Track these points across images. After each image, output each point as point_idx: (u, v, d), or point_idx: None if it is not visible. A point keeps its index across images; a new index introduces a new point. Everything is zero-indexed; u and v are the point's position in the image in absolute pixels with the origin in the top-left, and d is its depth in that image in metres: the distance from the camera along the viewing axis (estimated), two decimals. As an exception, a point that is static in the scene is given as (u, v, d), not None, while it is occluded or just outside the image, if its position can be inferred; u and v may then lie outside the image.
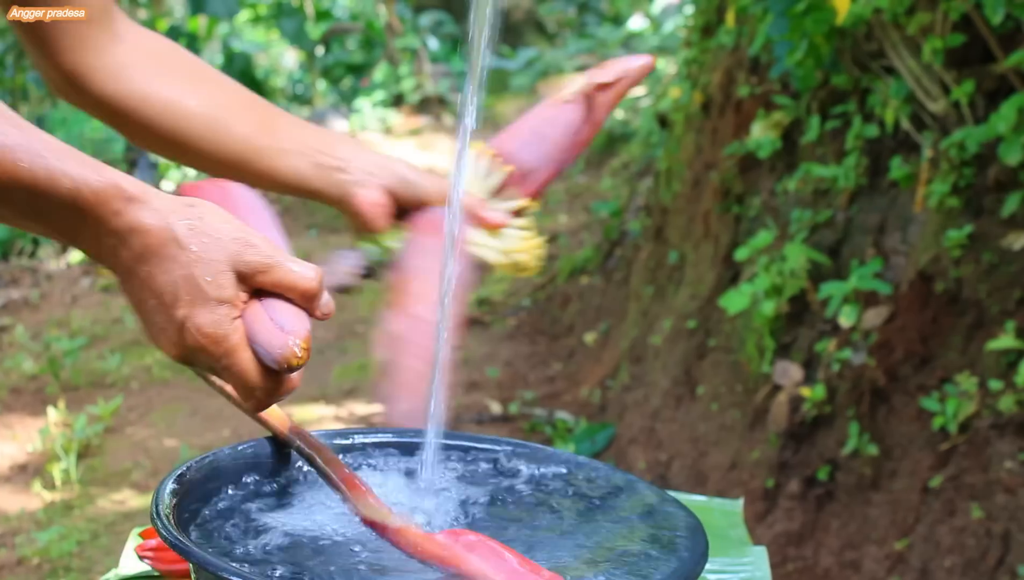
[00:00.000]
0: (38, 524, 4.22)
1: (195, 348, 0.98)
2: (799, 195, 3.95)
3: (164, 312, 0.97)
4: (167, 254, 0.96)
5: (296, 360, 0.99)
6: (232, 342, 0.98)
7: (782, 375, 3.75)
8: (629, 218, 5.83)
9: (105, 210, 0.95)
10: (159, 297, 0.97)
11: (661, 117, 6.16)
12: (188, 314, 0.97)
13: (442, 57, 11.73)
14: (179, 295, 0.96)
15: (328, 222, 8.02)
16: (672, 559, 1.05)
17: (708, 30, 4.92)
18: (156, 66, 1.34)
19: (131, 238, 0.96)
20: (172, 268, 0.96)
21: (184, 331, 0.97)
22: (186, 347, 0.98)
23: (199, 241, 0.97)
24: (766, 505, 3.61)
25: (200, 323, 0.97)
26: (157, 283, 0.97)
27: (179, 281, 0.96)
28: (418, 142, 9.47)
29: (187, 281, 0.97)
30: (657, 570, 1.03)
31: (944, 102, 3.41)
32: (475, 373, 5.31)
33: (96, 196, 0.94)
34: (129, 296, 0.99)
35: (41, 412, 5.09)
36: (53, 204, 0.94)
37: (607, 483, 1.22)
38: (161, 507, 1.03)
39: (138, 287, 0.97)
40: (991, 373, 3.14)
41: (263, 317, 1.00)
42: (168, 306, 0.97)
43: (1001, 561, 2.98)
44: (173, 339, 0.98)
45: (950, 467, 3.17)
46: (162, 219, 0.96)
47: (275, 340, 0.99)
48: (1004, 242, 3.21)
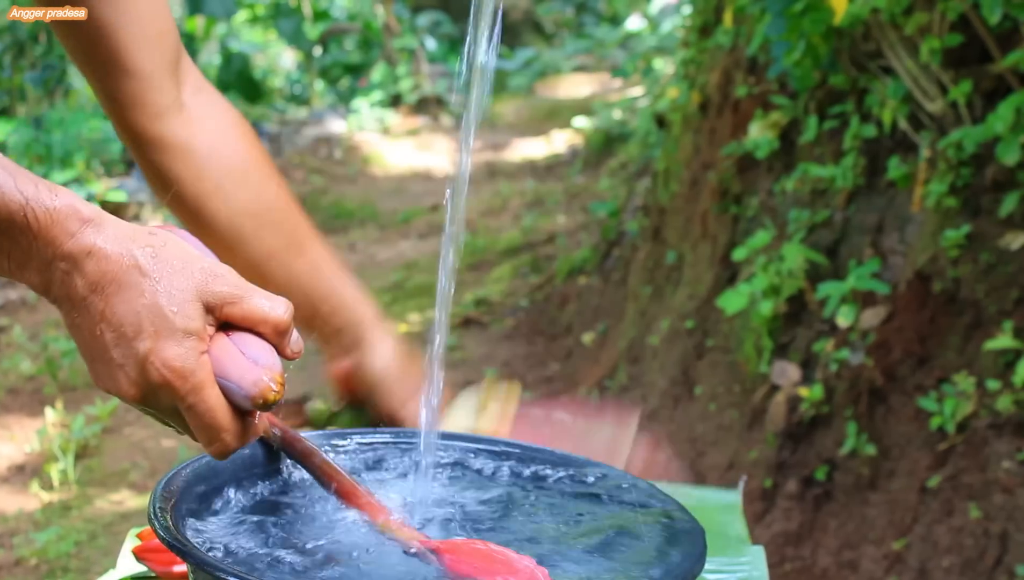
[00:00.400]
0: (36, 525, 4.22)
1: (158, 385, 0.90)
2: (797, 195, 3.95)
3: (124, 346, 0.89)
4: (128, 281, 0.89)
5: (272, 395, 0.92)
6: (199, 377, 0.90)
7: (780, 375, 3.75)
8: (627, 218, 5.83)
9: (59, 231, 0.88)
10: (118, 329, 0.89)
11: (659, 117, 6.16)
12: (152, 347, 0.89)
13: (440, 57, 11.73)
14: (142, 326, 0.89)
15: (326, 223, 8.01)
16: (669, 559, 1.05)
17: (706, 30, 4.92)
18: (203, 151, 1.30)
19: (87, 263, 0.88)
20: (133, 297, 0.89)
21: (147, 366, 0.89)
22: (148, 385, 0.90)
23: (163, 269, 0.90)
24: (764, 505, 3.61)
25: (166, 357, 0.89)
26: (116, 313, 0.89)
27: (142, 311, 0.89)
28: (416, 142, 9.47)
29: (151, 311, 0.89)
30: (655, 569, 1.03)
31: (942, 102, 3.41)
32: (473, 373, 5.31)
33: (50, 216, 0.87)
34: (78, 331, 0.91)
35: (39, 413, 5.09)
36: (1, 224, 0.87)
37: (605, 482, 1.22)
38: (158, 507, 1.03)
39: (91, 319, 0.89)
40: (989, 373, 3.14)
41: (233, 351, 0.93)
42: (129, 339, 0.89)
43: (999, 561, 2.98)
44: (133, 377, 0.90)
45: (948, 467, 3.17)
46: (122, 244, 0.89)
47: (248, 374, 0.92)
48: (1002, 242, 3.21)
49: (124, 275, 0.89)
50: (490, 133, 9.63)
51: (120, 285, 0.89)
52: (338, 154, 9.09)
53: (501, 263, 6.70)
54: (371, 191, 8.54)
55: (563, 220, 7.24)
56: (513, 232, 7.22)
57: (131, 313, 0.89)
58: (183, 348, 0.90)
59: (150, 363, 0.89)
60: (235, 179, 1.33)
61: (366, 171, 8.96)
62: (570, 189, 7.86)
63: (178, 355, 0.89)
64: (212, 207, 1.31)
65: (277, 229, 1.35)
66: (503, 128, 9.94)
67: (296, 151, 8.89)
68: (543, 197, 7.87)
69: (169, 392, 0.90)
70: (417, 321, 6.00)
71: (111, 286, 0.89)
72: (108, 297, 0.89)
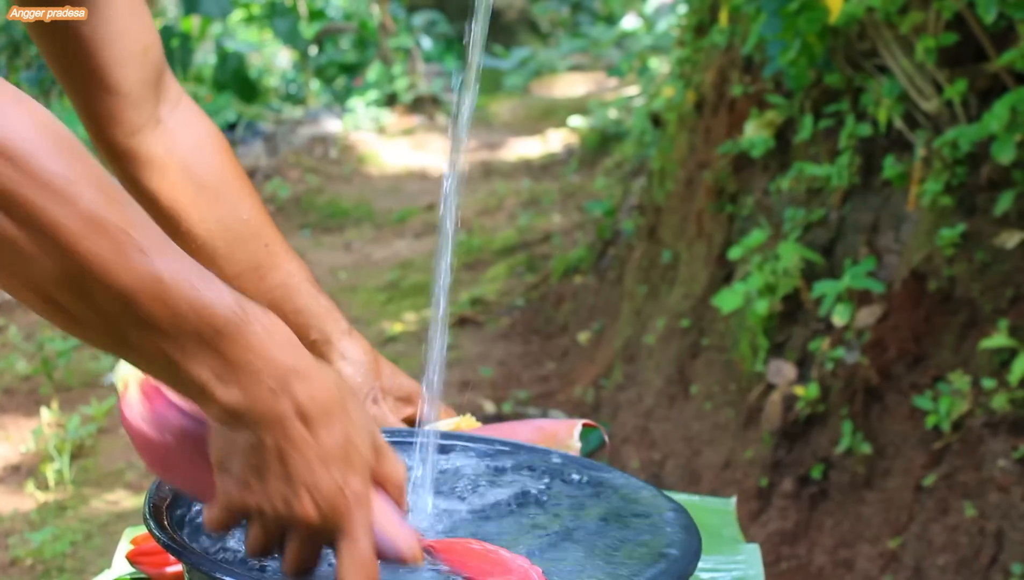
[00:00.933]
0: (31, 525, 4.22)
1: (340, 513, 0.90)
2: (792, 194, 3.95)
3: (319, 471, 0.89)
4: (331, 410, 0.90)
5: (422, 560, 0.94)
6: (371, 515, 0.92)
7: (775, 374, 3.75)
8: (622, 217, 5.83)
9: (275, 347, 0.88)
10: (316, 454, 0.89)
11: (654, 116, 6.16)
12: (345, 478, 0.90)
13: (435, 57, 11.73)
14: (338, 456, 0.90)
15: (321, 222, 8.01)
16: (665, 558, 1.05)
17: (701, 29, 4.93)
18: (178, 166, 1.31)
19: (296, 385, 0.89)
20: (335, 426, 0.90)
21: (337, 494, 0.90)
22: (332, 510, 0.90)
23: (354, 403, 0.93)
24: (760, 504, 3.61)
25: (355, 489, 0.90)
26: (319, 440, 0.89)
27: (340, 441, 0.90)
28: (411, 142, 9.47)
29: (347, 442, 0.91)
30: (650, 568, 1.03)
31: (937, 101, 3.41)
32: (468, 372, 5.31)
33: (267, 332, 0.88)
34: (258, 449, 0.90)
35: (34, 412, 5.08)
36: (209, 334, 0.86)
37: (600, 481, 1.22)
38: (153, 508, 1.03)
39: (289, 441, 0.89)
40: (984, 372, 3.14)
41: (384, 504, 0.94)
42: (326, 465, 0.90)
43: (994, 559, 2.99)
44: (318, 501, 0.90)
45: (943, 466, 3.17)
46: (323, 370, 0.91)
47: (402, 531, 0.94)
48: (997, 241, 3.22)
49: (328, 403, 0.90)
50: (486, 132, 9.63)
51: (323, 412, 0.90)
52: (334, 153, 9.09)
53: (497, 262, 6.70)
54: (367, 190, 8.54)
55: (559, 219, 7.24)
56: (509, 231, 7.22)
57: (331, 442, 0.90)
58: (365, 485, 0.92)
59: (340, 491, 0.90)
60: (209, 195, 1.34)
61: (362, 170, 8.96)
62: (566, 188, 7.86)
63: (363, 490, 0.91)
64: (187, 222, 1.32)
65: (251, 244, 1.36)
66: (499, 127, 9.94)
67: (292, 150, 8.88)
68: (539, 196, 7.87)
69: (345, 522, 0.91)
70: (413, 320, 6.00)
71: (315, 411, 0.89)
72: (311, 422, 0.89)
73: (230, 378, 0.87)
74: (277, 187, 8.22)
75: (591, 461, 1.26)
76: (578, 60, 11.81)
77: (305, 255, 7.33)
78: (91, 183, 0.82)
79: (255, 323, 0.88)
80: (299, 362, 0.90)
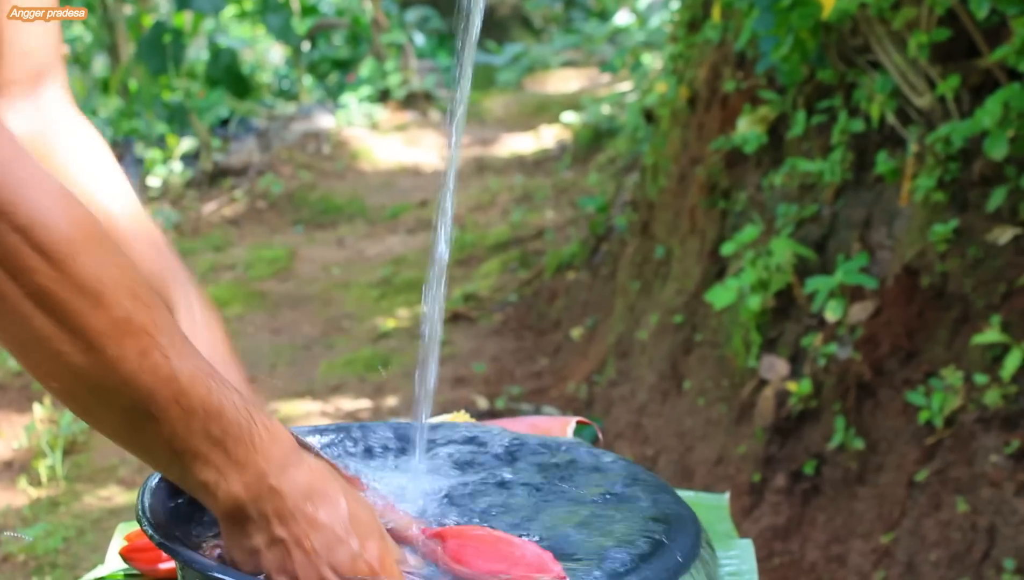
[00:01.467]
0: (24, 521, 4.21)
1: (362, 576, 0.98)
2: (785, 190, 3.95)
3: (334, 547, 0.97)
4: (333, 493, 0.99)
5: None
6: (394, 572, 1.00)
7: (768, 369, 3.75)
8: (615, 213, 5.83)
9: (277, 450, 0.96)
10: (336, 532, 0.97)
11: (647, 112, 6.16)
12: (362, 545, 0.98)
13: (428, 53, 11.72)
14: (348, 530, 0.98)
15: (314, 218, 8.00)
16: (664, 548, 1.05)
17: (694, 25, 4.93)
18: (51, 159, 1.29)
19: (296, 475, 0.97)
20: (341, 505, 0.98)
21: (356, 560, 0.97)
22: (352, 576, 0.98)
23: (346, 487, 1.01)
24: (752, 499, 3.61)
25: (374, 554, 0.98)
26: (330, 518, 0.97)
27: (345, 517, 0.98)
28: (404, 138, 9.46)
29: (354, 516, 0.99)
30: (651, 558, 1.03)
31: (929, 97, 3.41)
32: (461, 368, 5.31)
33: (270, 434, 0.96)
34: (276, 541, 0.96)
35: (27, 409, 5.08)
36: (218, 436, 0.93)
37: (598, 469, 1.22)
38: (147, 505, 1.03)
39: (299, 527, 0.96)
40: (976, 367, 3.15)
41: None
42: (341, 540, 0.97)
43: (987, 555, 2.99)
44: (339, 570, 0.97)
45: (936, 461, 3.18)
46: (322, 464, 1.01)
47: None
48: (990, 236, 3.22)
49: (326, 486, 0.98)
50: (479, 128, 9.62)
51: (323, 495, 0.97)
52: (326, 149, 9.07)
53: (489, 258, 6.70)
54: (359, 186, 8.53)
55: (551, 215, 7.24)
56: (501, 227, 7.22)
57: (338, 517, 0.97)
58: (382, 546, 0.99)
59: (359, 558, 0.97)
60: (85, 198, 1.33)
61: (354, 166, 8.95)
62: (558, 184, 7.85)
63: (380, 552, 0.99)
64: None
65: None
66: (491, 123, 9.93)
67: (284, 146, 8.87)
68: (531, 192, 7.86)
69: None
70: (406, 316, 5.99)
71: (317, 495, 0.97)
72: (317, 505, 0.97)
73: (233, 475, 0.94)
74: (270, 183, 8.21)
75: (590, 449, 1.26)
76: (571, 56, 11.80)
77: (298, 251, 7.33)
78: (123, 287, 0.87)
79: (259, 426, 0.94)
80: (295, 457, 0.97)
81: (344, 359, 5.54)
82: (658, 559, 1.03)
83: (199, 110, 8.87)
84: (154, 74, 8.94)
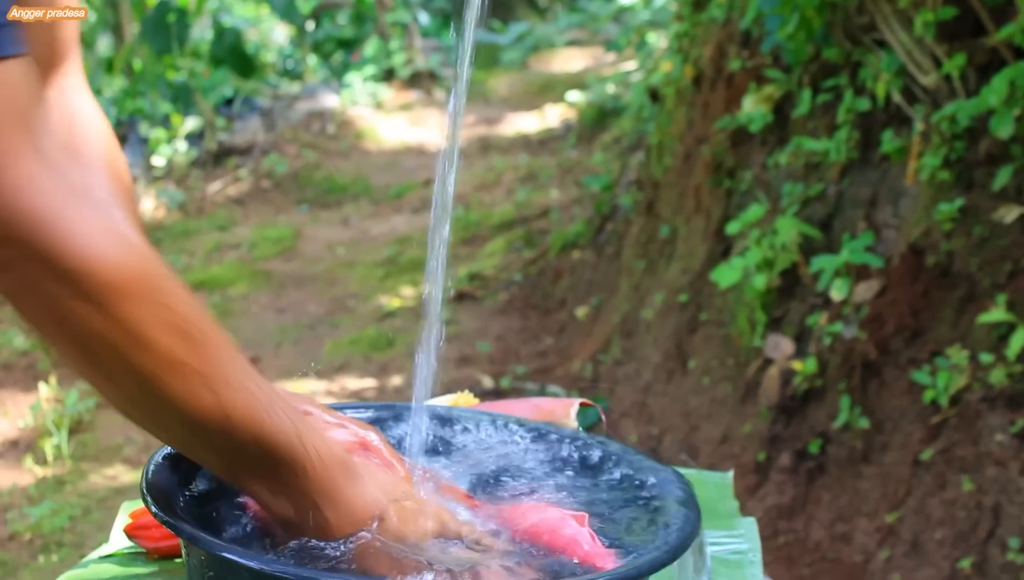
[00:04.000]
0: (30, 499, 4.22)
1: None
2: (790, 169, 3.94)
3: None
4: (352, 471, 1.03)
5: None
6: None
7: (773, 349, 3.75)
8: (620, 192, 5.82)
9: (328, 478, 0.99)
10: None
11: (652, 91, 6.14)
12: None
13: (433, 32, 11.69)
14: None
15: (319, 198, 8.00)
16: (665, 528, 1.05)
17: (699, 4, 4.91)
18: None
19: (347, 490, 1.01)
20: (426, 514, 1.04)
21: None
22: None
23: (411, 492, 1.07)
24: (757, 478, 3.61)
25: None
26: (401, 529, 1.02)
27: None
28: (409, 117, 9.45)
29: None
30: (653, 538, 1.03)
31: (935, 75, 3.40)
32: (466, 347, 5.31)
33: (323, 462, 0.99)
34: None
35: (32, 388, 5.08)
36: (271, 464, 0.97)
37: (603, 453, 1.22)
38: (151, 483, 1.03)
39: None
40: (982, 346, 3.14)
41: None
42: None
43: (991, 533, 2.99)
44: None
45: (941, 440, 3.18)
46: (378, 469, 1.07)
47: None
48: (995, 215, 3.21)
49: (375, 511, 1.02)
50: (483, 107, 9.60)
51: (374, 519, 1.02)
52: (331, 129, 9.06)
53: (494, 237, 6.69)
54: (364, 166, 8.51)
55: (556, 194, 7.23)
56: (506, 206, 7.21)
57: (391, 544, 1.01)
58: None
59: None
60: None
61: (359, 146, 8.93)
62: (563, 163, 7.84)
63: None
64: None
65: None
66: (496, 102, 9.90)
67: (289, 126, 8.85)
68: (536, 171, 7.85)
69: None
70: (411, 295, 5.99)
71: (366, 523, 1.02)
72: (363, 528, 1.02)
73: (283, 497, 0.98)
74: (274, 162, 8.20)
75: (593, 434, 1.26)
76: (576, 35, 11.76)
77: (303, 231, 7.32)
78: (168, 326, 0.89)
79: (312, 453, 0.97)
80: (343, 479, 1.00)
81: (349, 338, 5.54)
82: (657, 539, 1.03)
83: (203, 90, 8.85)
84: (158, 54, 8.93)
